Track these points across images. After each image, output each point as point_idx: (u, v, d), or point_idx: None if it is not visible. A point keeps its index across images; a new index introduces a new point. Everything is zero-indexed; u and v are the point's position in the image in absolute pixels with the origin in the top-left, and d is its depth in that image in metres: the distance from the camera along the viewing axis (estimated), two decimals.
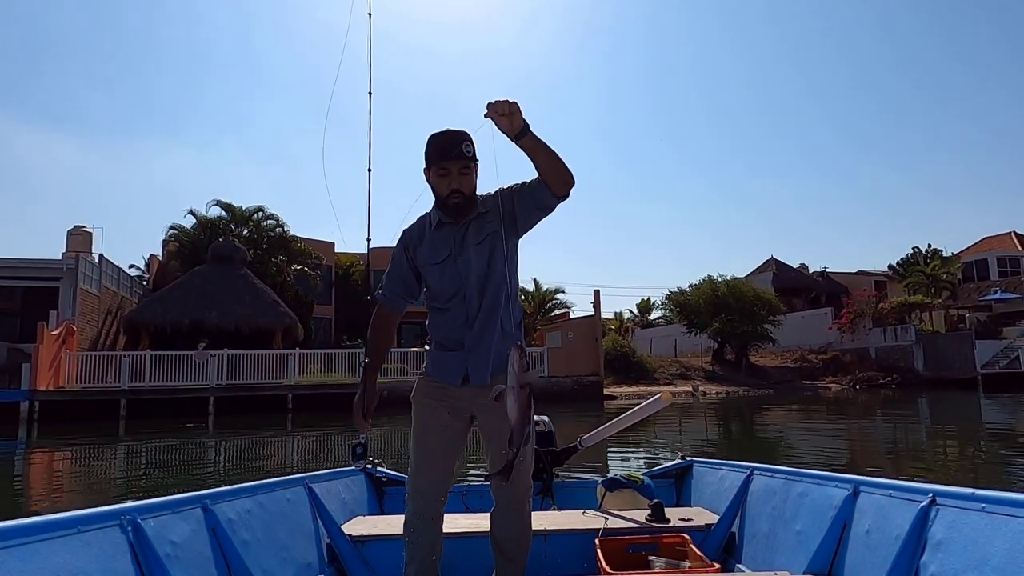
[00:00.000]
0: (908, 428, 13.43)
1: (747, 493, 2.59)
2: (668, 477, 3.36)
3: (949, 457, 9.14)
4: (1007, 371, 27.90)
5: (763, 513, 2.42)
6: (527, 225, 1.93)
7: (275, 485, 2.41)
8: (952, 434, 12.18)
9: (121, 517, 1.66)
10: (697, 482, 3.18)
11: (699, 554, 2.25)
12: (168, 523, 1.80)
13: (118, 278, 25.16)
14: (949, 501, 1.60)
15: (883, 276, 41.70)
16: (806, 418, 16.64)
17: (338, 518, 2.61)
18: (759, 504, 2.48)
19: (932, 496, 1.64)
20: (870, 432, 12.97)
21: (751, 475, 2.62)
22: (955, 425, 13.78)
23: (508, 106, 1.65)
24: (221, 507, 2.03)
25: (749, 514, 2.52)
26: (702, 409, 19.63)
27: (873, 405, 20.08)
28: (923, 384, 28.63)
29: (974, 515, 1.50)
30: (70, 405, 17.78)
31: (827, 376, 31.26)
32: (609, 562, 2.19)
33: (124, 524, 1.65)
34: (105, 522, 1.61)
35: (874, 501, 1.87)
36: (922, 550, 1.60)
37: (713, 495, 2.90)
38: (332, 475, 2.88)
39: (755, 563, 2.32)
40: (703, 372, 31.40)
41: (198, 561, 1.83)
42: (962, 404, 19.73)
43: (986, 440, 11.14)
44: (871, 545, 1.79)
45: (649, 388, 25.76)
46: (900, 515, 1.71)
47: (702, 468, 3.20)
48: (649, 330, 44.44)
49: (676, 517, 2.64)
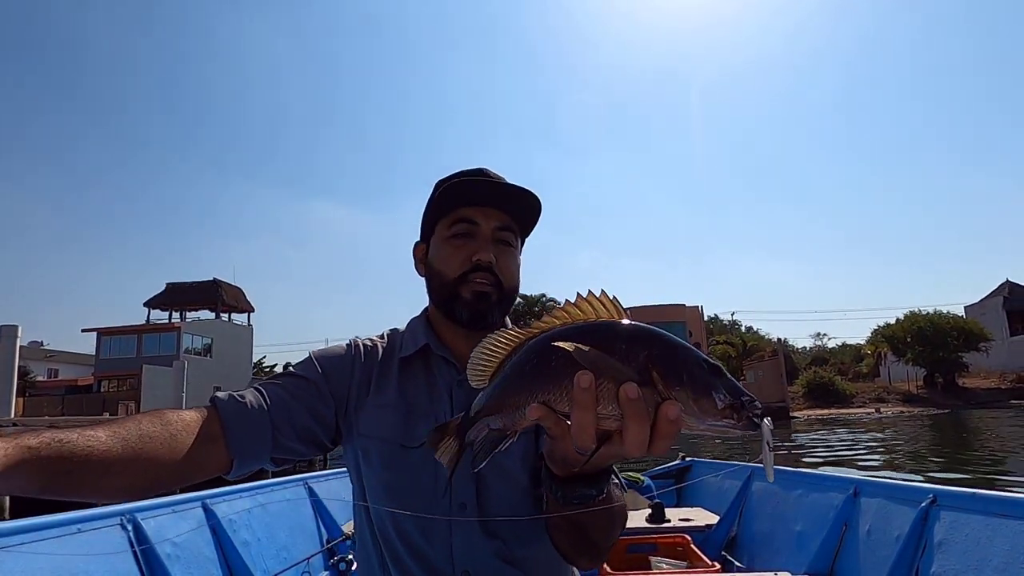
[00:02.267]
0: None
1: (747, 494, 2.59)
2: (668, 477, 3.38)
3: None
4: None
5: (763, 513, 2.42)
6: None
7: (275, 484, 2.41)
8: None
9: (121, 517, 1.66)
10: (697, 482, 3.19)
11: (699, 554, 2.25)
12: (168, 522, 1.80)
13: None
14: (950, 502, 1.60)
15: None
16: (930, 429, 18.88)
17: (338, 517, 2.61)
18: (759, 504, 2.48)
19: (933, 497, 1.64)
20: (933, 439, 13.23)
21: (751, 476, 2.63)
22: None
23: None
24: (221, 507, 2.02)
25: (749, 514, 2.52)
26: (868, 424, 23.16)
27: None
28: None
29: (974, 516, 1.50)
30: None
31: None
32: (609, 562, 2.18)
33: (124, 523, 1.65)
34: (105, 521, 1.61)
35: (875, 502, 1.87)
36: (923, 551, 1.60)
37: (713, 495, 2.92)
38: (332, 474, 2.88)
39: (755, 563, 2.32)
40: (902, 395, 36.46)
41: (198, 560, 1.82)
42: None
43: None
44: (872, 545, 1.79)
45: (833, 410, 33.52)
46: (901, 516, 1.71)
47: (702, 468, 3.23)
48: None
49: (676, 517, 2.65)
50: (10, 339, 9.15)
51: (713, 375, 0.56)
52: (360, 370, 1.02)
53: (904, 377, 39.35)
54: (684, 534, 2.42)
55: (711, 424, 0.55)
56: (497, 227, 1.00)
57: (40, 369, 36.49)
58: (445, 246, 1.00)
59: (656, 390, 0.56)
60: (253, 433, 0.88)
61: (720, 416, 0.54)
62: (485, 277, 0.97)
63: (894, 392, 37.37)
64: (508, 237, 1.01)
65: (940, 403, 33.45)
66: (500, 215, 1.00)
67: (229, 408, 0.88)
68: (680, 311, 43.87)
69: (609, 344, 0.58)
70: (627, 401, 0.56)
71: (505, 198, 1.00)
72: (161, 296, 34.67)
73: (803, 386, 37.30)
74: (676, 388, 0.55)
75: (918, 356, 37.10)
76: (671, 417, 0.56)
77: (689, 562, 2.26)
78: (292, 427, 0.92)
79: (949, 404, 32.72)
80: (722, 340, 44.57)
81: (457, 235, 0.99)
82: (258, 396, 0.92)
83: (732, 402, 0.55)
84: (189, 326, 32.48)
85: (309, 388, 0.97)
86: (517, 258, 1.04)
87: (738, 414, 0.54)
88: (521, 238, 1.06)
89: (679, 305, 44.19)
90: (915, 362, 37.67)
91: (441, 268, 1.00)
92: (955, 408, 30.84)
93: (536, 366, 0.62)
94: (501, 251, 1.00)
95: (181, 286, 35.20)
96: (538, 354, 0.62)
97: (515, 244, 1.03)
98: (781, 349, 36.54)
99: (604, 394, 0.57)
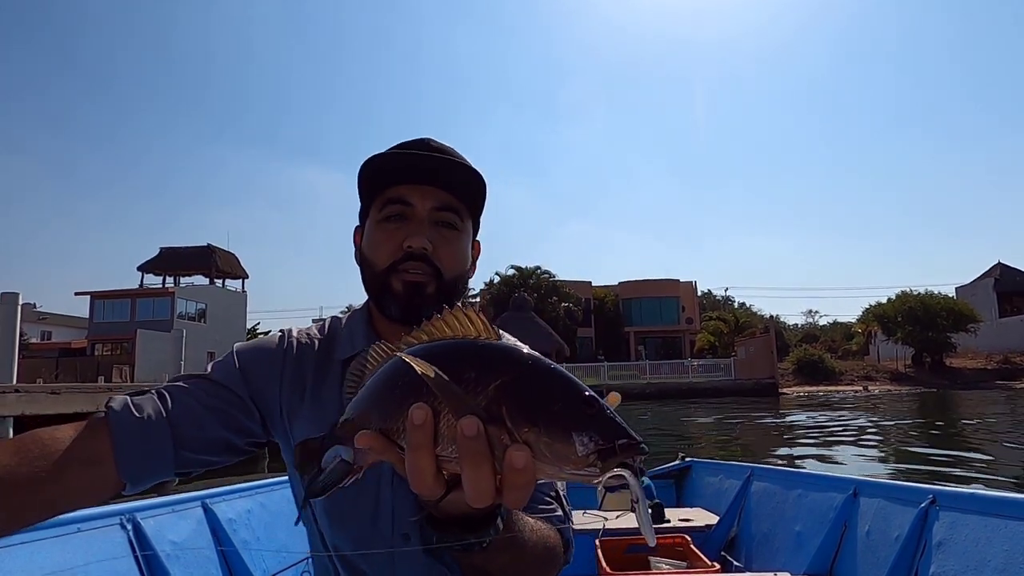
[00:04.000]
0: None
1: (747, 494, 2.60)
2: (668, 477, 3.38)
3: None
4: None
5: (763, 514, 2.43)
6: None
7: (275, 484, 2.40)
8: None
9: (121, 516, 1.65)
10: (697, 482, 3.20)
11: (699, 554, 2.25)
12: (168, 522, 1.79)
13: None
14: (949, 502, 1.60)
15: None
16: (903, 405, 19.64)
17: None
18: (759, 505, 2.48)
19: (932, 497, 1.64)
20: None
21: (751, 476, 2.63)
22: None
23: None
24: (221, 506, 2.01)
25: (749, 515, 2.52)
26: (854, 401, 23.85)
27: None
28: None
29: (974, 517, 1.50)
30: None
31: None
32: (609, 562, 2.19)
33: (124, 523, 1.65)
34: (105, 521, 1.61)
35: (874, 502, 1.87)
36: (922, 551, 1.60)
37: (713, 495, 2.92)
38: None
39: (755, 563, 2.33)
40: (890, 373, 36.44)
41: (198, 561, 1.82)
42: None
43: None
44: (871, 546, 1.79)
45: (822, 387, 33.49)
46: (900, 516, 1.72)
47: (702, 468, 3.23)
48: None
49: (676, 517, 2.65)
50: (11, 306, 9.16)
51: (580, 411, 0.43)
52: (292, 371, 0.89)
53: (893, 356, 39.56)
54: (684, 534, 2.43)
55: (570, 473, 0.43)
56: (435, 207, 0.86)
57: (33, 331, 36.40)
58: (376, 231, 0.87)
59: (505, 428, 0.44)
60: (149, 451, 0.75)
61: (581, 464, 0.42)
62: (418, 267, 0.84)
63: (882, 371, 37.53)
64: (450, 219, 0.87)
65: (927, 382, 33.77)
66: (440, 193, 0.86)
67: (123, 424, 0.74)
68: (674, 286, 44.26)
69: (459, 368, 0.46)
70: (463, 440, 0.43)
71: (447, 172, 0.85)
72: (155, 260, 34.49)
73: (793, 363, 37.37)
74: (525, 428, 0.43)
75: (908, 336, 37.28)
76: (517, 466, 0.42)
77: (689, 562, 2.27)
78: (200, 440, 0.80)
79: (936, 383, 32.98)
80: (715, 316, 44.69)
81: (388, 218, 0.86)
82: (159, 405, 0.78)
83: (600, 447, 0.42)
84: (183, 291, 32.44)
85: (224, 396, 0.84)
86: (463, 242, 0.90)
87: (604, 462, 0.42)
88: (473, 218, 0.92)
89: (673, 280, 44.56)
90: (904, 341, 37.84)
91: (371, 256, 0.87)
92: (941, 388, 31.38)
93: (381, 389, 0.51)
94: (441, 235, 0.86)
95: (175, 251, 35.00)
96: (385, 375, 0.51)
97: (460, 226, 0.89)
98: (773, 326, 36.46)
99: (447, 432, 0.45)
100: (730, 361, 34.61)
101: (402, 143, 0.89)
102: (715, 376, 33.59)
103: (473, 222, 0.93)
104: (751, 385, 31.08)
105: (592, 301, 43.54)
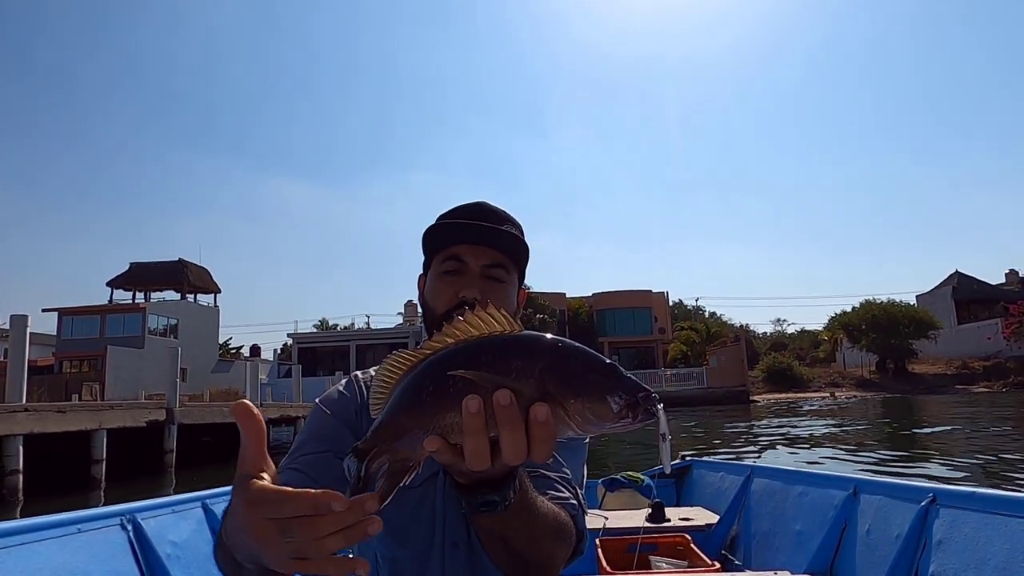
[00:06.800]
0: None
1: (747, 493, 2.58)
2: (668, 476, 3.32)
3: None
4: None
5: (763, 513, 2.42)
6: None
7: None
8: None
9: (121, 517, 1.63)
10: (697, 482, 3.19)
11: (699, 554, 2.25)
12: (168, 523, 1.77)
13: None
14: (949, 501, 1.59)
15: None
16: (869, 409, 20.37)
17: None
18: (759, 504, 2.48)
19: (932, 496, 1.64)
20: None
21: (751, 475, 2.62)
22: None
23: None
24: (221, 507, 1.97)
25: (749, 514, 2.52)
26: (824, 410, 24.25)
27: (983, 403, 21.26)
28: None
29: (974, 515, 1.49)
30: None
31: (985, 382, 34.13)
32: (609, 562, 2.18)
33: (124, 524, 1.63)
34: (105, 522, 1.59)
35: (874, 501, 1.86)
36: (922, 550, 1.60)
37: (713, 495, 2.91)
38: None
39: (755, 563, 2.32)
40: (856, 380, 37.99)
41: (198, 561, 1.78)
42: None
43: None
44: (871, 545, 1.79)
45: (791, 394, 34.92)
46: (900, 515, 1.71)
47: (702, 468, 3.22)
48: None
49: (676, 517, 2.64)
50: (20, 328, 9.37)
51: (608, 377, 0.55)
52: (366, 413, 0.99)
53: (858, 363, 40.76)
54: (684, 533, 2.42)
55: (611, 427, 0.55)
56: (486, 265, 1.01)
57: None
58: (436, 282, 1.03)
59: (558, 402, 0.54)
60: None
61: (617, 419, 0.54)
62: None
63: (848, 377, 39.01)
64: (498, 274, 1.02)
65: (891, 388, 35.14)
66: (490, 252, 1.02)
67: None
68: (647, 297, 44.56)
69: (506, 360, 0.56)
70: (500, 408, 0.54)
71: (495, 238, 1.01)
72: (125, 276, 33.76)
73: (763, 371, 38.78)
74: (572, 400, 0.54)
75: (872, 343, 38.68)
76: (540, 419, 0.54)
77: (689, 561, 2.26)
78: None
79: (899, 389, 34.36)
80: (687, 326, 45.17)
81: (447, 272, 1.02)
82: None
83: (628, 401, 0.54)
84: (154, 306, 31.79)
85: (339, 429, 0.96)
86: (510, 291, 1.05)
87: (634, 412, 0.54)
88: (518, 271, 1.08)
89: (646, 291, 44.85)
90: (869, 348, 39.25)
91: (432, 303, 1.03)
92: (904, 393, 32.32)
93: (431, 392, 0.58)
94: (490, 287, 1.01)
95: (145, 266, 34.35)
96: (432, 379, 0.58)
97: (507, 279, 1.04)
98: (743, 335, 37.74)
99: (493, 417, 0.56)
100: (702, 370, 35.74)
101: (461, 205, 1.08)
102: (688, 385, 34.09)
103: (519, 274, 1.08)
104: (723, 393, 31.95)
105: (567, 312, 44.02)
